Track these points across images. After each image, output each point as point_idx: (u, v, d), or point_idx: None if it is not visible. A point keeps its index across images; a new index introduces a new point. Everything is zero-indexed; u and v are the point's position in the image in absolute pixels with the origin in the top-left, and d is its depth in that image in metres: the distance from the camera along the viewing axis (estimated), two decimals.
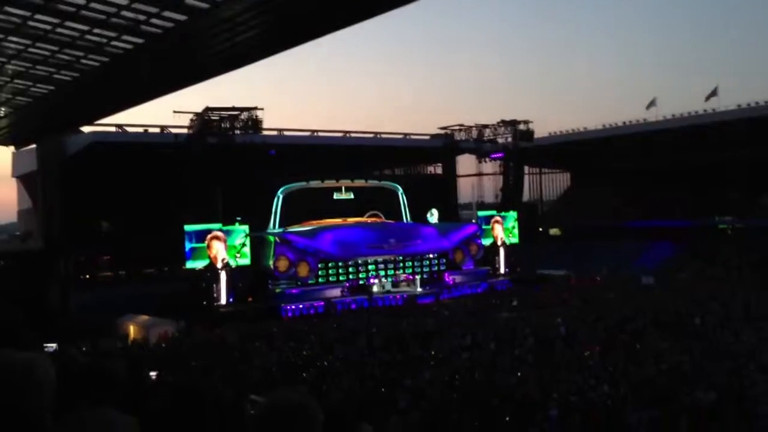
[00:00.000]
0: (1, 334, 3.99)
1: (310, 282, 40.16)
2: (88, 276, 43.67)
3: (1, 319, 4.30)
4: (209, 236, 37.42)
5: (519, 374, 18.71)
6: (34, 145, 40.34)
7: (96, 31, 18.05)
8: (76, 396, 3.14)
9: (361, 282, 41.66)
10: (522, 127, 48.96)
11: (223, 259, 37.56)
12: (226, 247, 37.84)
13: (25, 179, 46.46)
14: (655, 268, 48.86)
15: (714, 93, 50.13)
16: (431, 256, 44.93)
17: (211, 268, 37.46)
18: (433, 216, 49.31)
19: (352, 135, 52.35)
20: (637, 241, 54.28)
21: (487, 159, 52.91)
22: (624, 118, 69.94)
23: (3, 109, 27.80)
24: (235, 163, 37.95)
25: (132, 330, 32.81)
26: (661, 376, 17.46)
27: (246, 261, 38.93)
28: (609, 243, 54.62)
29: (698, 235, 51.45)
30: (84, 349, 24.48)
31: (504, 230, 49.77)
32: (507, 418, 14.18)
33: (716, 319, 27.26)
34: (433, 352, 23.80)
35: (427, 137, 55.99)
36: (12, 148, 42.35)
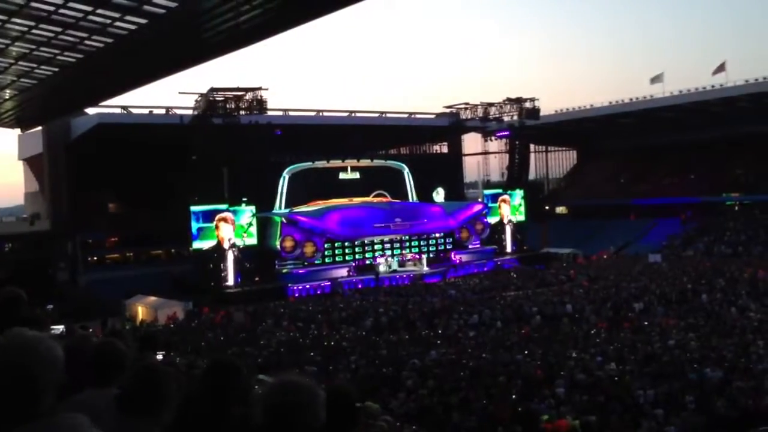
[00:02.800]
0: (7, 314, 4.01)
1: (316, 262, 40.27)
2: (95, 257, 43.89)
3: (7, 300, 4.32)
4: (217, 217, 37.47)
5: (526, 352, 18.77)
6: (39, 128, 40.35)
7: (99, 11, 17.93)
8: (84, 376, 3.16)
9: (367, 262, 41.75)
10: (528, 104, 48.65)
11: (230, 240, 37.64)
12: (234, 228, 37.91)
13: (31, 162, 46.59)
14: (662, 245, 48.79)
15: (721, 68, 49.70)
16: (437, 235, 44.94)
17: (219, 248, 37.55)
18: (439, 195, 49.25)
19: (358, 114, 52.18)
20: (643, 218, 54.16)
21: (493, 137, 52.68)
22: (631, 94, 69.36)
23: (8, 91, 27.75)
24: (241, 143, 37.91)
25: (140, 311, 33.04)
26: (667, 352, 17.49)
27: (253, 241, 39.01)
28: (616, 221, 54.52)
29: (705, 211, 51.25)
30: (91, 330, 24.63)
31: (510, 208, 49.70)
32: (514, 396, 14.24)
33: (723, 296, 27.26)
34: (440, 331, 23.93)
35: (433, 116, 55.76)
36: (18, 131, 42.36)
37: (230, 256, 37.73)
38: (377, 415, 7.30)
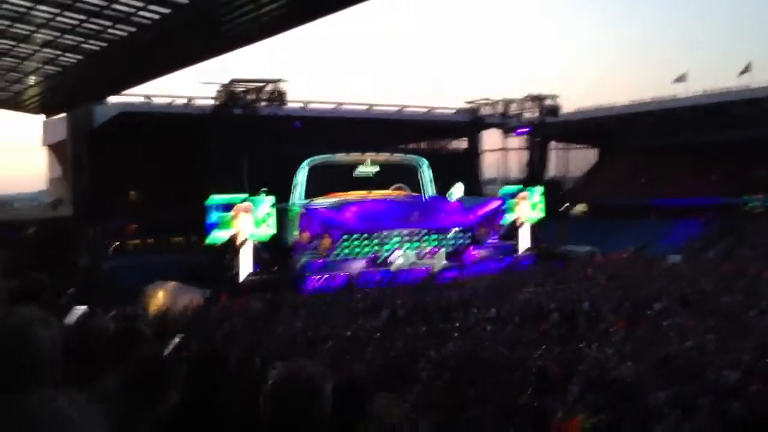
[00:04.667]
0: (28, 296, 4.08)
1: (334, 254, 40.35)
2: (117, 243, 44.35)
3: (29, 283, 4.40)
4: (236, 207, 37.63)
5: (543, 348, 18.72)
6: (64, 114, 40.80)
7: (123, 0, 18.11)
8: (104, 360, 3.21)
9: (385, 254, 41.78)
10: (549, 102, 48.41)
11: (248, 231, 37.82)
12: (253, 219, 38.08)
13: (55, 148, 47.09)
14: (681, 246, 48.35)
15: (747, 69, 49.15)
16: (455, 230, 44.86)
17: (237, 239, 37.75)
18: (458, 190, 49.15)
19: (377, 108, 52.17)
20: (663, 219, 53.68)
21: (513, 134, 52.45)
22: (654, 93, 68.72)
23: (32, 77, 28.10)
24: (261, 134, 38.09)
25: (160, 296, 33.35)
26: (684, 354, 17.36)
27: (271, 232, 39.18)
28: (635, 220, 54.10)
29: (727, 213, 50.71)
30: (113, 313, 24.89)
31: (529, 206, 49.45)
32: (528, 392, 14.23)
33: (743, 298, 26.98)
34: (457, 325, 23.91)
35: (453, 111, 55.62)
36: (42, 117, 42.88)
37: (248, 246, 37.93)
38: (392, 407, 7.32)
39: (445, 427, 11.87)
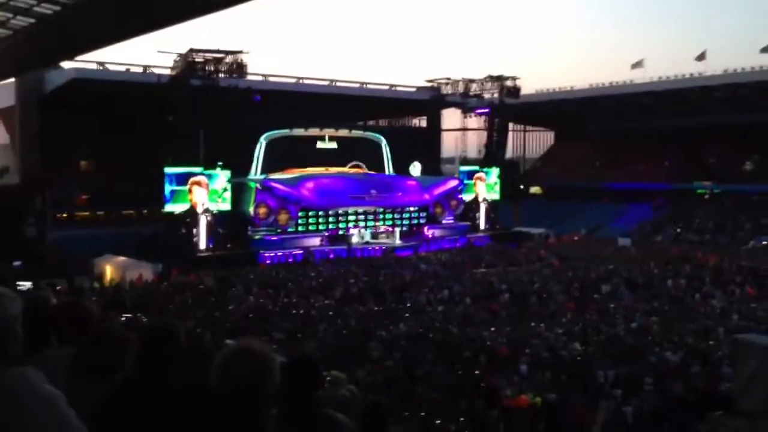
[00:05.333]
0: None
1: (289, 230, 40.17)
2: (65, 214, 43.31)
3: None
4: (191, 180, 37.04)
5: (492, 329, 19.03)
6: (13, 79, 39.48)
7: None
8: (48, 334, 3.15)
9: (340, 232, 41.77)
10: (509, 83, 48.70)
11: (203, 204, 37.31)
12: (208, 192, 37.56)
13: (2, 114, 45.63)
14: (632, 230, 49.52)
15: (702, 56, 50.19)
16: (412, 208, 45.04)
17: (191, 212, 37.23)
18: (416, 169, 49.29)
19: (338, 84, 51.82)
20: (616, 202, 54.84)
21: (473, 114, 52.69)
22: (612, 78, 69.76)
23: None
24: (219, 106, 37.50)
25: (108, 270, 32.72)
26: (630, 335, 17.86)
27: (227, 207, 38.73)
28: (588, 203, 55.14)
29: (677, 198, 52.04)
30: (59, 288, 24.40)
31: (486, 186, 49.90)
32: (477, 371, 14.47)
33: (688, 282, 27.83)
34: (409, 304, 24.11)
35: (414, 89, 55.56)
36: None
37: (203, 221, 37.43)
38: (342, 384, 7.37)
39: (395, 404, 12.00)
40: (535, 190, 64.30)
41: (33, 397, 1.69)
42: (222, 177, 38.09)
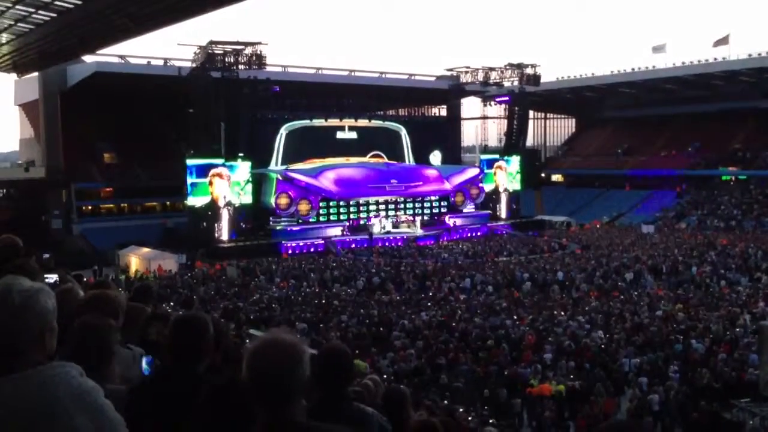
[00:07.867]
0: (3, 262, 4.02)
1: (311, 220, 40.28)
2: (89, 207, 43.83)
3: (3, 248, 4.34)
4: (212, 172, 37.22)
5: (515, 317, 18.98)
6: (36, 74, 39.88)
7: None
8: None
9: (361, 222, 41.79)
10: (529, 70, 48.24)
11: (225, 196, 37.49)
12: (229, 184, 37.74)
13: (27, 107, 46.16)
14: (655, 217, 48.98)
15: (725, 40, 49.28)
16: (432, 198, 44.94)
17: (213, 204, 37.43)
18: (436, 158, 49.10)
19: (357, 74, 51.73)
20: (638, 189, 54.23)
21: (493, 102, 52.34)
22: (633, 64, 68.83)
23: (4, 35, 27.35)
24: (239, 98, 37.60)
25: (133, 261, 33.10)
26: (654, 323, 17.70)
27: (248, 198, 38.92)
28: (611, 190, 54.62)
29: (701, 185, 51.34)
30: (85, 279, 24.69)
31: (506, 175, 49.62)
32: (500, 359, 14.44)
33: (713, 269, 27.50)
34: (431, 294, 24.11)
35: (433, 78, 55.31)
36: (14, 76, 41.86)
37: (225, 212, 37.64)
38: (364, 374, 7.41)
39: (418, 392, 12.03)
40: (556, 178, 63.81)
41: (69, 389, 1.70)
42: (242, 168, 38.25)
